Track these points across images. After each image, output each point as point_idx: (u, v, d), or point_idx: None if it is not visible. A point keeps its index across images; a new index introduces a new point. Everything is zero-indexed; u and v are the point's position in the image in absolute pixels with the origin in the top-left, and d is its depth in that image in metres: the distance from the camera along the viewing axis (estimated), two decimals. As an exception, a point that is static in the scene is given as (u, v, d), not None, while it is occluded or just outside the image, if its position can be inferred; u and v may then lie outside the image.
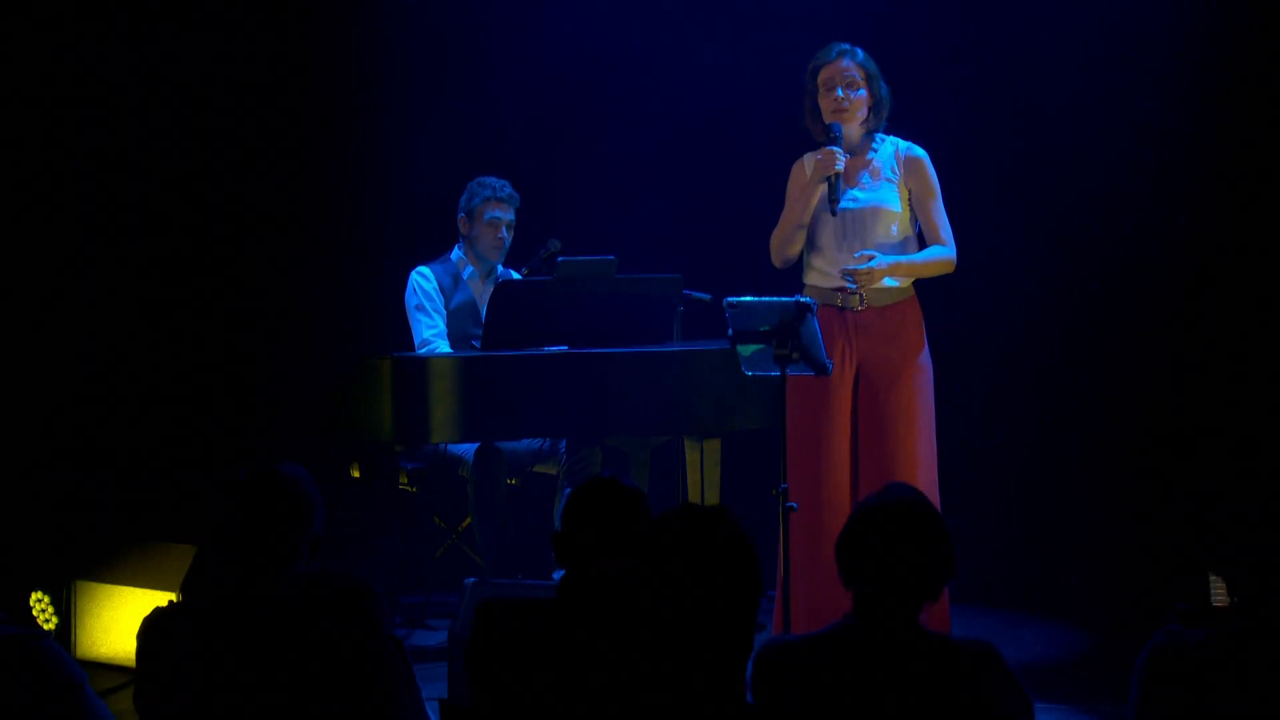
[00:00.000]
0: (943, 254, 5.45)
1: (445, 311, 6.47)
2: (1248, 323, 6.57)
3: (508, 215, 6.50)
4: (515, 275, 6.59)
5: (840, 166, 5.40)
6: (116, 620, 5.69)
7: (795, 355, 5.00)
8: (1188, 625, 3.21)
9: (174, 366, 7.18)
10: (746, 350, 5.08)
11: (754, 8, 7.31)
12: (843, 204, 5.44)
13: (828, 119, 5.45)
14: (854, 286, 5.34)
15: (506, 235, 6.50)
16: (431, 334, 6.40)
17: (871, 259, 5.31)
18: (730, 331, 5.06)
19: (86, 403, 7.00)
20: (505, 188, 6.50)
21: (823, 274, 5.48)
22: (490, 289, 6.51)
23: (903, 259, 5.39)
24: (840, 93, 5.44)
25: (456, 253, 6.56)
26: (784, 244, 5.51)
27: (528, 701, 3.25)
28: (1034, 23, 6.96)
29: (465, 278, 6.53)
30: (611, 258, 6.11)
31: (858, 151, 5.51)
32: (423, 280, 6.48)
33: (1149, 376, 6.87)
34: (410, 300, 6.48)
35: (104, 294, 7.05)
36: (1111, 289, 6.97)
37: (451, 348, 6.45)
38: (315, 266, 7.37)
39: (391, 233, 7.30)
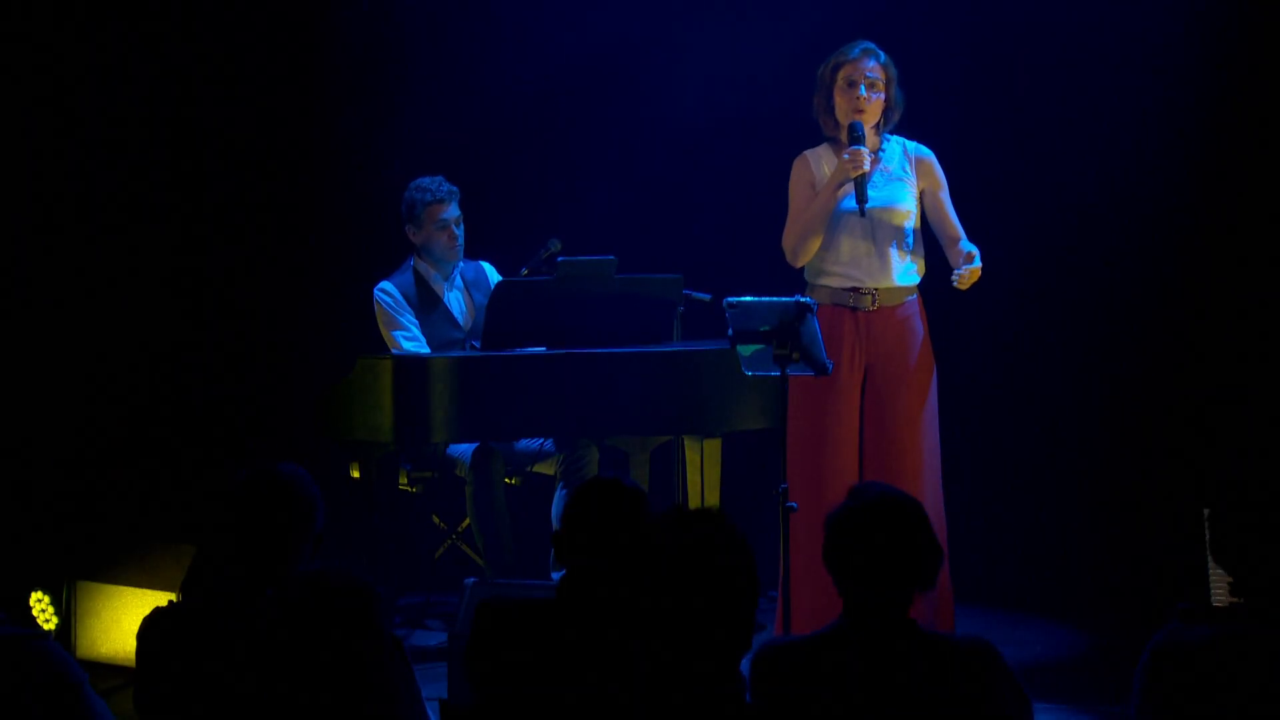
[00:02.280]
0: None
1: (417, 321, 6.43)
2: (1249, 323, 6.57)
3: (453, 212, 6.39)
4: (486, 266, 6.54)
5: (867, 166, 5.40)
6: (116, 620, 5.69)
7: (795, 355, 5.00)
8: (1188, 625, 3.21)
9: (174, 366, 7.17)
10: (746, 350, 5.08)
11: (755, 7, 7.31)
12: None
13: (845, 117, 5.45)
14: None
15: (458, 232, 6.41)
16: (411, 345, 6.36)
17: (974, 257, 5.34)
18: (730, 331, 5.06)
19: (87, 402, 6.99)
20: (442, 185, 6.38)
21: (834, 274, 5.48)
22: (455, 289, 6.49)
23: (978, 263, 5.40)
24: (863, 91, 5.44)
25: (412, 260, 6.51)
26: (803, 242, 5.49)
27: (528, 701, 3.26)
28: (1035, 23, 6.95)
29: (430, 283, 6.48)
30: (611, 258, 6.10)
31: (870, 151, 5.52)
32: (386, 295, 6.40)
33: (1150, 376, 6.87)
34: (380, 318, 6.43)
35: (103, 294, 7.05)
36: (1113, 289, 6.96)
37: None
38: (315, 266, 7.36)
39: (391, 232, 7.28)
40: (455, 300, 6.47)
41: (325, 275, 7.35)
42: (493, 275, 6.54)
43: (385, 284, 6.44)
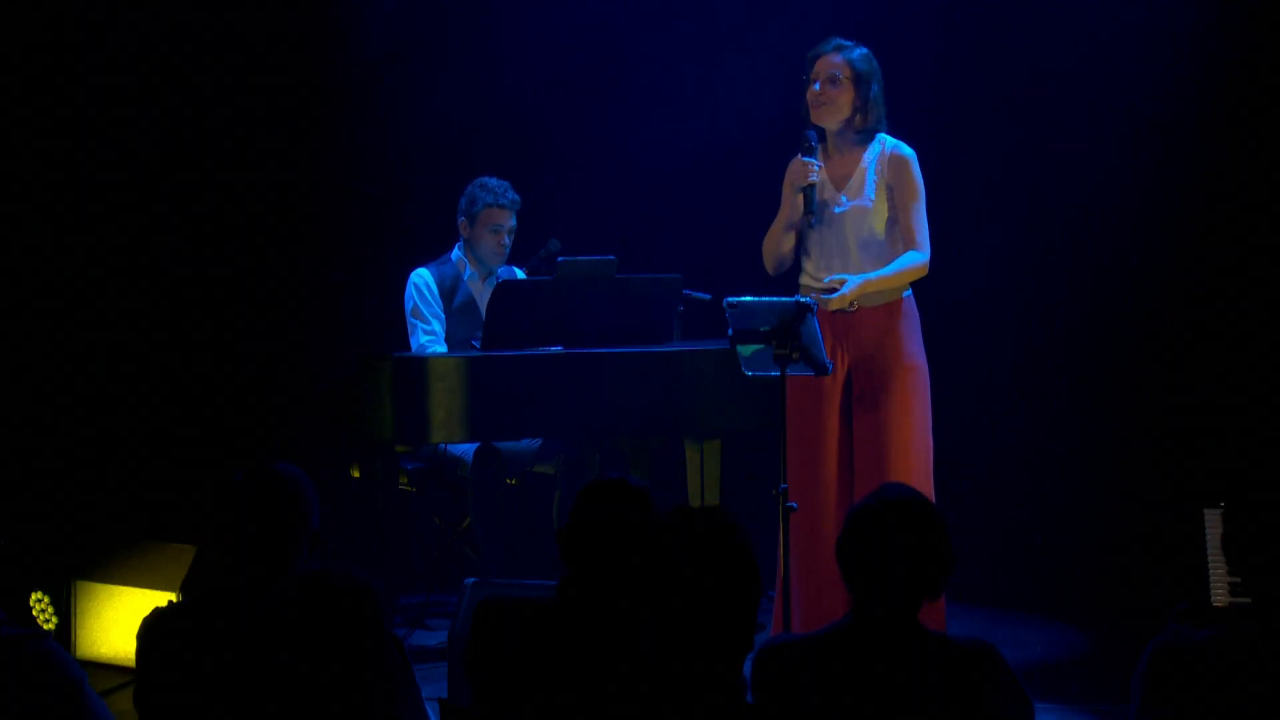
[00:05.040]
0: (911, 262, 5.37)
1: (444, 315, 6.45)
2: (1249, 321, 6.57)
3: (509, 221, 6.47)
4: (519, 272, 6.58)
5: (814, 178, 5.38)
6: (116, 620, 5.69)
7: (795, 355, 5.00)
8: (1189, 626, 3.21)
9: (174, 366, 7.17)
10: (746, 350, 5.08)
11: (755, 7, 7.31)
12: (834, 208, 5.42)
13: (811, 113, 5.43)
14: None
15: (508, 240, 6.48)
16: (428, 339, 6.39)
17: (842, 284, 5.27)
18: (730, 331, 5.06)
19: (86, 403, 6.99)
20: (507, 192, 6.46)
21: (812, 276, 5.47)
22: (490, 290, 6.51)
23: (873, 275, 5.32)
24: (818, 86, 5.40)
25: (456, 253, 6.56)
26: (772, 249, 5.50)
27: (528, 701, 3.26)
28: (1034, 23, 6.95)
29: (465, 279, 6.52)
30: (611, 258, 6.11)
31: (846, 153, 5.47)
32: (421, 283, 6.45)
33: (1150, 376, 6.87)
34: (408, 304, 6.46)
35: (104, 294, 7.05)
36: (1112, 289, 6.97)
37: (451, 350, 6.44)
38: (315, 266, 7.36)
39: (392, 231, 7.29)
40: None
41: (325, 275, 7.35)
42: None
43: (423, 271, 6.48)
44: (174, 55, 7.07)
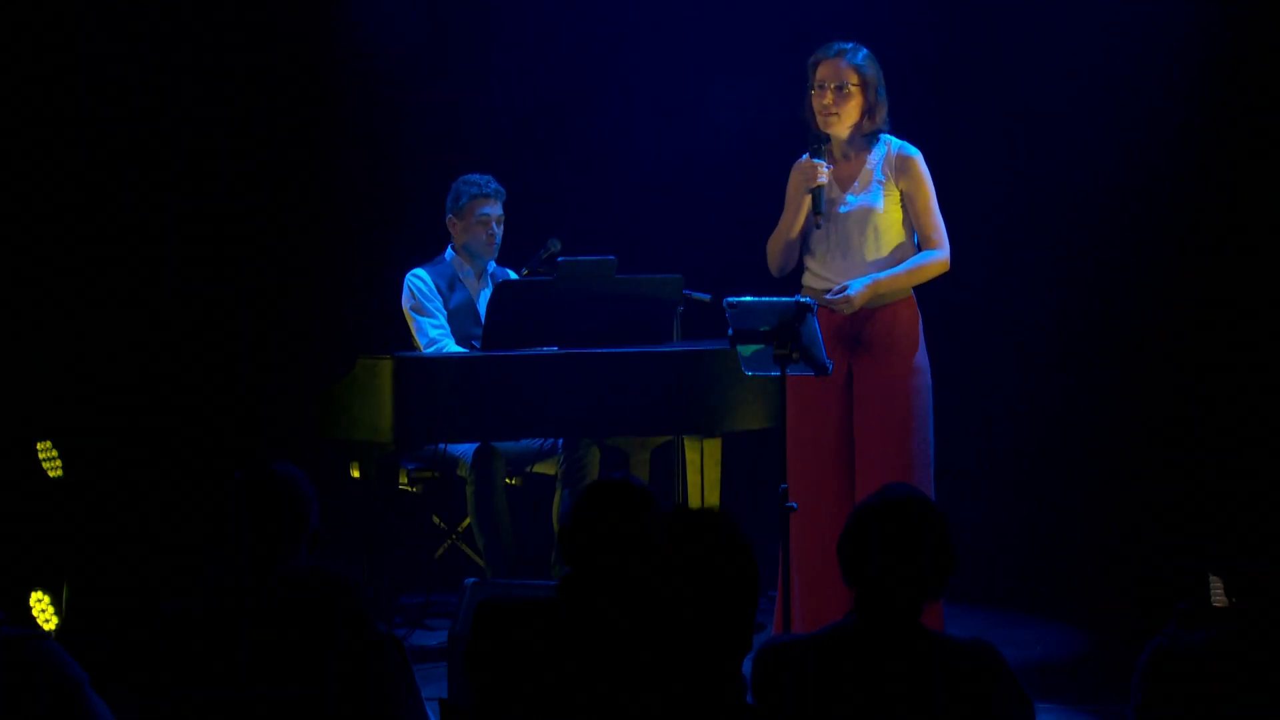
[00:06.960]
0: (930, 259, 5.40)
1: (445, 311, 6.46)
2: (1249, 322, 6.57)
3: (496, 210, 6.46)
4: (511, 274, 6.58)
5: (823, 179, 5.37)
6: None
7: (795, 355, 5.00)
8: (1188, 626, 3.22)
9: (173, 366, 7.17)
10: (746, 350, 5.08)
11: (756, 6, 7.31)
12: (838, 208, 5.42)
13: (817, 119, 5.42)
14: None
15: (497, 230, 6.47)
16: (438, 333, 6.39)
17: (844, 289, 5.29)
18: (730, 331, 5.06)
19: (86, 403, 6.99)
20: (490, 183, 6.45)
21: (816, 276, 5.47)
22: (486, 287, 6.51)
23: (882, 275, 5.34)
24: (829, 95, 5.39)
25: (449, 253, 6.55)
26: (777, 252, 5.50)
27: (528, 701, 3.26)
28: (1035, 22, 6.96)
29: (461, 278, 6.52)
30: (611, 258, 6.11)
31: (852, 156, 5.46)
32: (419, 282, 6.45)
33: (1149, 375, 6.87)
34: (408, 303, 6.45)
35: (103, 294, 7.04)
36: (1112, 289, 6.97)
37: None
38: (315, 266, 7.36)
39: (392, 232, 7.29)
40: (485, 298, 6.49)
41: (325, 275, 7.35)
42: None
43: (420, 270, 6.49)
44: (172, 54, 7.07)
